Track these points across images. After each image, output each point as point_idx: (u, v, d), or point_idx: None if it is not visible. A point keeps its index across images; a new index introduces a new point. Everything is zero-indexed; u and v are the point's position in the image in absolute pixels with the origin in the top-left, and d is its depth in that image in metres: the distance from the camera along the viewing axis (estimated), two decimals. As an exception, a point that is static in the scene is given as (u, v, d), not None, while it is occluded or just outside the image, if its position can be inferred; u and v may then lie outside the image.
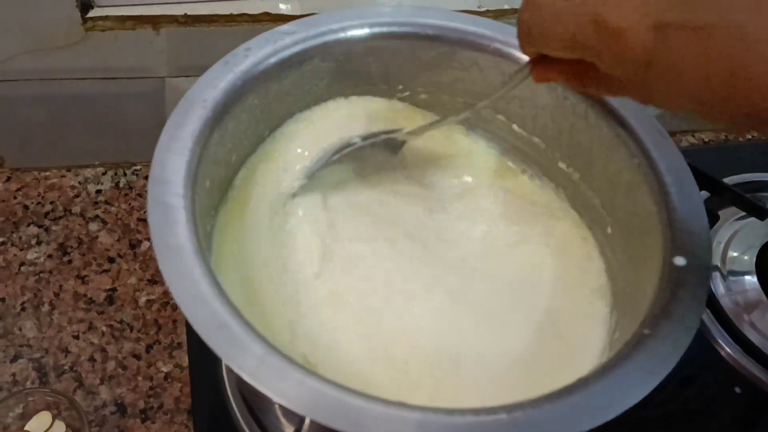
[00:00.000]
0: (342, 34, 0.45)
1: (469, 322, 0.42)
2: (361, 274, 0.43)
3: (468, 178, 0.50)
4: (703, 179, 0.53)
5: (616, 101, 0.44)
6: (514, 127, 0.49)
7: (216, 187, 0.42)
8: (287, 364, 0.33)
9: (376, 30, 0.45)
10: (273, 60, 0.43)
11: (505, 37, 0.46)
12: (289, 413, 0.44)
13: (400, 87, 0.49)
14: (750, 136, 0.83)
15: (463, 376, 0.39)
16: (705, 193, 0.58)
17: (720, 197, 0.57)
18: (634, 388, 0.32)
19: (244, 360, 0.32)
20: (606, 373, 0.33)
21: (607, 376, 0.33)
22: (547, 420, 0.31)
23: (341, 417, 0.31)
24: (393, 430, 0.31)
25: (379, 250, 0.44)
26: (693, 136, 0.82)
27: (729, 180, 0.57)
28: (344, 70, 0.46)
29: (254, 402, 0.50)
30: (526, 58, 0.39)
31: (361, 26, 0.45)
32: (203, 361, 0.55)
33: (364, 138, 0.46)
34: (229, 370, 0.54)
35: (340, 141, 0.47)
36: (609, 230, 0.45)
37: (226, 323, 0.33)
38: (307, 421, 0.43)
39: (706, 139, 0.82)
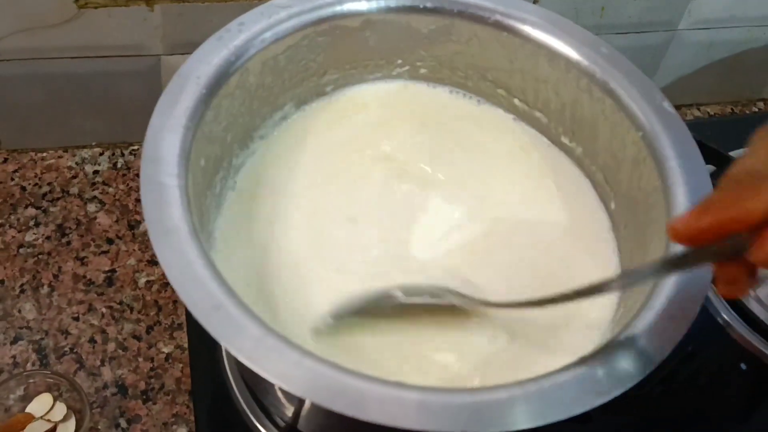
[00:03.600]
0: (338, 8, 0.44)
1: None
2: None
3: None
4: (709, 153, 0.52)
5: (618, 73, 0.43)
6: (516, 101, 0.48)
7: (211, 166, 0.42)
8: (285, 346, 0.32)
9: (373, 3, 0.44)
10: (267, 35, 0.42)
11: (506, 8, 0.45)
12: (289, 394, 0.44)
13: (399, 61, 0.48)
14: (756, 109, 0.82)
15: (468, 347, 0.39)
16: (711, 167, 0.57)
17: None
18: (636, 367, 0.31)
19: (241, 342, 0.32)
20: (608, 351, 0.32)
21: (609, 355, 0.32)
22: (546, 399, 0.30)
23: (339, 398, 0.31)
24: (393, 410, 0.30)
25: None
26: (698, 109, 0.81)
27: (735, 153, 0.56)
28: (340, 45, 0.45)
29: (254, 382, 0.50)
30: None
31: (358, -1, 0.44)
32: (203, 342, 0.55)
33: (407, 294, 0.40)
34: (229, 351, 0.54)
35: (374, 293, 0.41)
36: (613, 206, 0.44)
37: (223, 304, 0.33)
38: (307, 402, 0.43)
39: (712, 113, 0.81)
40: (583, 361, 0.32)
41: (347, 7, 0.44)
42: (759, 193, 0.25)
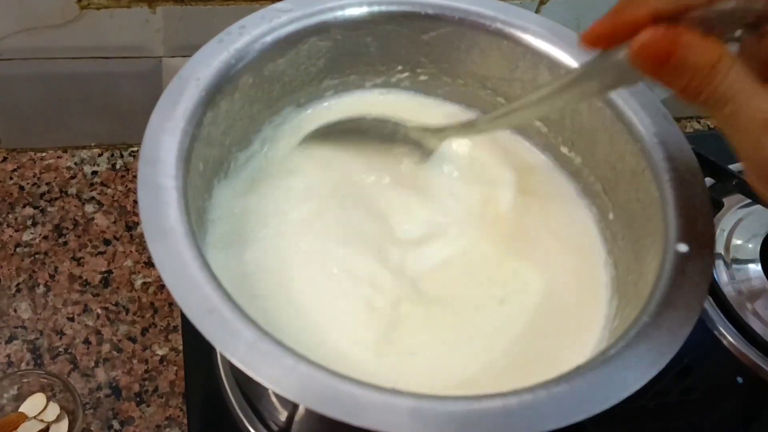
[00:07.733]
0: (339, 13, 0.43)
1: (468, 307, 0.41)
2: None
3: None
4: (708, 165, 0.52)
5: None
6: (516, 110, 0.48)
7: (209, 169, 0.42)
8: (279, 350, 0.32)
9: (375, 9, 0.44)
10: (268, 39, 0.42)
11: (507, 17, 0.45)
12: (282, 398, 0.44)
13: (399, 68, 0.48)
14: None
15: (457, 360, 0.39)
16: (710, 180, 0.57)
17: (725, 184, 0.56)
18: (632, 378, 0.31)
19: (235, 346, 0.32)
20: (604, 361, 0.32)
21: (605, 365, 0.32)
22: (542, 408, 0.30)
23: (333, 404, 0.31)
24: (386, 417, 0.30)
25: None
26: (698, 122, 0.81)
27: (734, 166, 0.56)
28: (341, 50, 0.45)
29: (248, 387, 0.50)
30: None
31: (359, 4, 0.44)
32: (197, 345, 0.55)
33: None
34: (223, 355, 0.53)
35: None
36: (611, 216, 0.44)
37: (217, 308, 0.33)
38: (300, 407, 0.42)
39: (712, 125, 0.81)
40: (577, 371, 0.32)
41: (348, 12, 0.44)
42: (645, 2, 0.29)
